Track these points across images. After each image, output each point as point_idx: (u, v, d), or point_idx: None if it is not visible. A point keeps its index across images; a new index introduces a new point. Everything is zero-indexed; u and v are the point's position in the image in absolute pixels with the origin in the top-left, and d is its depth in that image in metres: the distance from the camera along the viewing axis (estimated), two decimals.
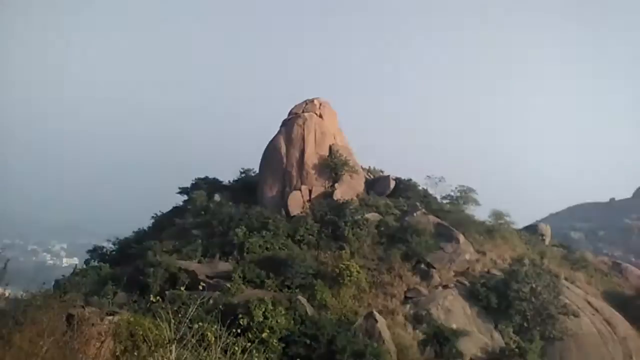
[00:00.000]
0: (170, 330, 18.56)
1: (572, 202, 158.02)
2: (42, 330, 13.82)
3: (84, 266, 51.72)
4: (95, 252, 53.08)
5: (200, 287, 36.33)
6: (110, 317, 33.60)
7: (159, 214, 56.72)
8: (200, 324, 15.42)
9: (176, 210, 54.91)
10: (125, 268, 44.07)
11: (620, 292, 50.93)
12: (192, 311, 15.10)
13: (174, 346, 14.86)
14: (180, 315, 18.18)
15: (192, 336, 17.24)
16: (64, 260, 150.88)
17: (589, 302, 45.70)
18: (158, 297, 20.74)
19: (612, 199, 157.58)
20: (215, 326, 22.38)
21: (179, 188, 57.17)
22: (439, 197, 57.09)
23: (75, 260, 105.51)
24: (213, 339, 15.01)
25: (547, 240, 60.59)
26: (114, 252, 52.21)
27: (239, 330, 30.25)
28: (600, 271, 55.61)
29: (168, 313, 21.21)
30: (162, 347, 16.36)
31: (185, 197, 55.87)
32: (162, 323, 19.40)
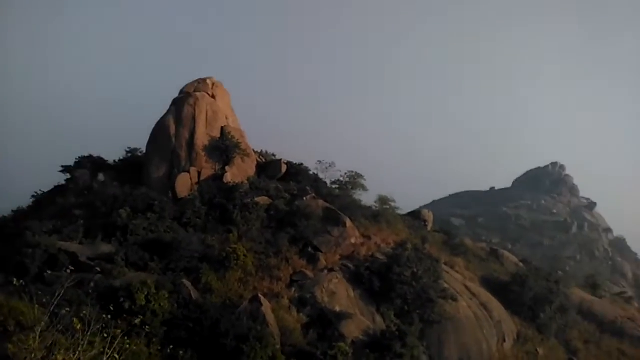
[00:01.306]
0: (44, 314, 17.92)
1: (454, 190, 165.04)
2: None
3: None
4: None
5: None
6: None
7: (39, 192, 54.20)
8: (68, 309, 15.00)
9: (58, 190, 52.61)
10: (2, 248, 41.92)
11: (497, 277, 53.96)
12: (60, 293, 14.62)
13: (40, 328, 14.40)
14: (58, 298, 17.60)
15: (63, 319, 16.71)
16: None
17: (467, 287, 48.14)
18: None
19: (492, 188, 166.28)
20: (91, 309, 21.88)
21: (61, 166, 54.70)
22: (329, 182, 58.08)
23: None
24: (79, 325, 14.61)
25: (429, 226, 63.18)
26: None
27: (121, 314, 29.98)
28: (479, 257, 58.74)
29: (45, 296, 20.47)
30: (30, 330, 15.80)
31: (68, 176, 53.63)
32: (35, 306, 18.70)
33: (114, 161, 56.14)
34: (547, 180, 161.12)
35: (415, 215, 64.09)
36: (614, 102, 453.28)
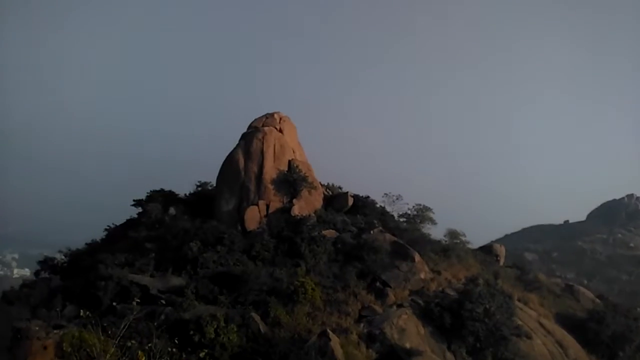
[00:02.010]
0: (113, 345, 18.10)
1: (527, 224, 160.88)
2: None
3: (34, 278, 50.52)
4: (46, 263, 51.81)
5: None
6: (57, 331, 32.80)
7: (112, 226, 55.66)
8: (133, 341, 15.06)
9: (130, 223, 53.98)
10: (77, 280, 43.03)
11: (573, 314, 51.61)
12: (127, 325, 14.67)
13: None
14: (124, 329, 17.74)
15: (130, 351, 16.80)
16: (15, 271, 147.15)
17: (541, 324, 46.20)
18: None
19: (566, 222, 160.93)
20: (158, 341, 22.00)
21: (134, 200, 56.19)
22: (396, 215, 57.34)
23: (26, 272, 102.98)
24: (144, 357, 14.60)
25: (502, 261, 61.32)
26: (65, 264, 50.99)
27: (190, 346, 30.12)
28: (553, 293, 56.38)
29: (116, 327, 20.73)
30: None
31: (140, 210, 54.92)
32: (103, 337, 18.90)
33: (185, 195, 57.28)
34: (623, 213, 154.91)
35: (487, 249, 62.40)
36: None
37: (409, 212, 57.49)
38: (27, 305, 39.43)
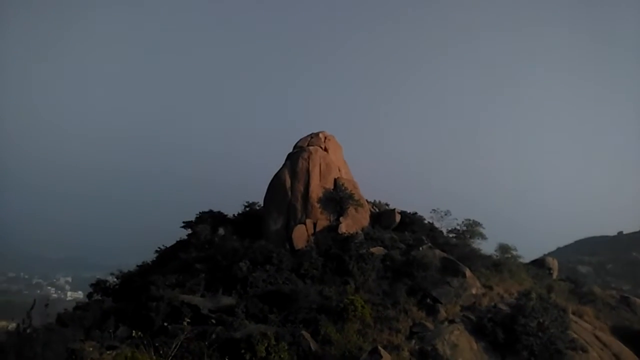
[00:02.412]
0: None
1: (580, 236, 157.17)
2: None
3: (87, 300, 51.47)
4: (99, 285, 52.70)
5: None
6: (110, 352, 33.30)
7: (162, 247, 56.46)
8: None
9: (180, 244, 54.67)
10: (129, 302, 43.70)
11: (629, 326, 50.12)
12: (178, 344, 14.77)
13: None
14: (176, 349, 17.90)
15: None
16: (69, 293, 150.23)
17: (597, 337, 44.92)
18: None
19: (620, 233, 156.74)
20: None
21: (183, 222, 57.00)
22: (445, 231, 56.74)
23: (79, 294, 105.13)
24: None
25: (555, 274, 60.04)
26: (117, 286, 51.83)
27: None
28: (608, 305, 54.86)
29: (168, 348, 20.94)
30: None
31: (190, 231, 55.63)
32: (159, 357, 19.11)
33: (233, 215, 57.86)
34: None
35: (539, 263, 61.13)
36: None
37: (458, 227, 56.84)
38: (81, 326, 40.12)
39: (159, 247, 56.53)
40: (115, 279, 52.84)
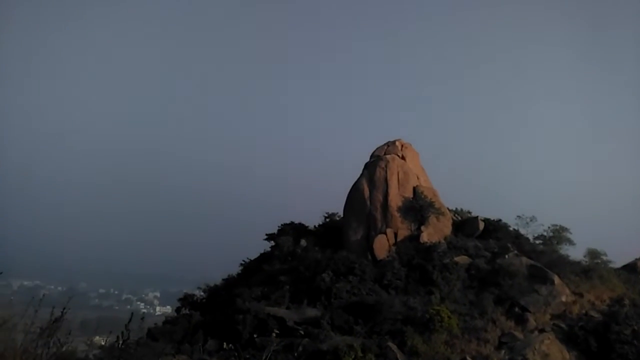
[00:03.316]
0: None
1: None
2: None
3: (176, 314, 52.76)
4: (186, 300, 53.86)
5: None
6: None
7: (247, 260, 57.29)
8: None
9: (263, 257, 55.34)
10: (216, 315, 44.59)
11: None
12: (266, 357, 14.91)
13: None
14: None
15: None
16: (157, 308, 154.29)
17: None
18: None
19: None
20: None
21: (266, 234, 57.72)
22: (531, 238, 55.14)
23: (167, 309, 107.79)
24: None
25: None
26: (204, 300, 52.87)
27: None
28: None
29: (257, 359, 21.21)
30: None
31: (272, 243, 56.29)
32: None
33: (314, 226, 58.11)
34: None
35: (631, 268, 58.34)
36: None
37: (544, 233, 55.12)
38: (171, 340, 41.22)
39: (244, 260, 57.40)
40: (202, 293, 53.89)
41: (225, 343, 23.86)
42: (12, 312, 9.66)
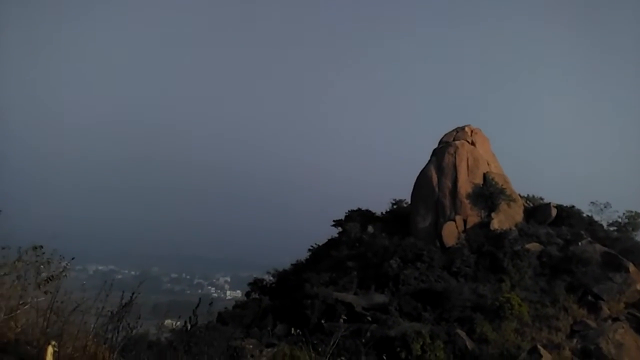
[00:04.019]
0: None
1: None
2: None
3: (245, 298, 53.80)
4: (256, 284, 54.79)
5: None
6: (269, 349, 34.72)
7: (315, 246, 57.82)
8: (342, 359, 15.33)
9: (331, 242, 55.74)
10: (285, 300, 45.30)
11: None
12: (336, 342, 15.06)
13: None
14: (333, 347, 18.35)
15: None
16: (228, 292, 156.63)
17: None
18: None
19: None
20: (367, 358, 22.44)
21: (333, 220, 58.07)
22: (605, 225, 53.61)
23: (238, 293, 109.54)
24: None
25: None
26: (274, 285, 53.68)
27: None
28: None
29: (324, 345, 21.55)
30: None
31: (340, 229, 56.62)
32: (317, 355, 19.71)
33: (381, 213, 58.12)
34: None
35: None
36: None
37: (619, 219, 53.49)
38: (240, 324, 42.09)
39: (312, 246, 57.97)
40: (271, 278, 54.71)
41: (292, 328, 24.18)
42: (85, 295, 10.09)
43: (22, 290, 9.54)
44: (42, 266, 9.63)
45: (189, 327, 13.34)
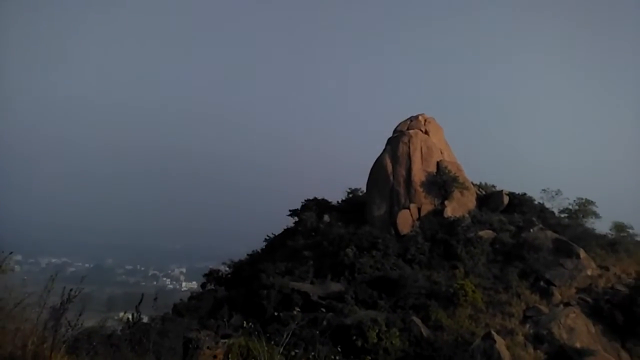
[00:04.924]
0: (278, 353, 18.62)
1: None
2: (160, 355, 14.14)
3: (201, 290, 53.24)
4: (211, 275, 54.23)
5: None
6: (225, 340, 34.34)
7: (271, 236, 57.55)
8: (297, 349, 15.27)
9: (287, 232, 55.59)
10: (241, 290, 44.92)
11: None
12: (291, 332, 14.86)
13: None
14: (288, 337, 18.18)
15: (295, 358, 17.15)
16: (183, 284, 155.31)
17: None
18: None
19: None
20: (322, 347, 22.36)
21: (289, 210, 57.90)
22: (556, 211, 54.61)
23: (193, 284, 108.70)
24: None
25: None
26: (229, 275, 53.24)
27: (352, 352, 30.44)
28: None
29: (281, 335, 21.35)
30: None
31: (296, 219, 56.45)
32: (272, 346, 19.51)
33: (337, 202, 58.13)
34: None
35: None
36: None
37: (570, 207, 54.54)
38: (196, 316, 41.57)
39: (268, 235, 57.68)
40: (227, 269, 54.27)
41: (245, 322, 23.91)
42: (32, 290, 9.66)
43: None
44: None
45: (132, 322, 13.06)
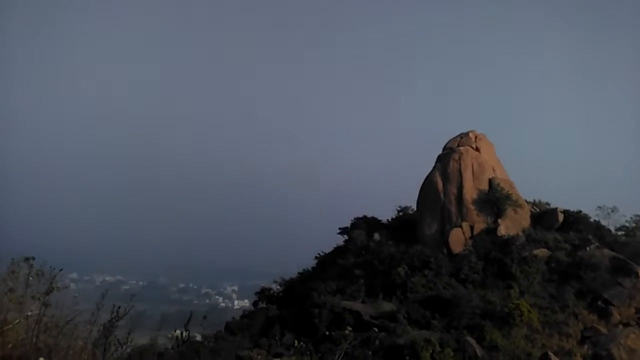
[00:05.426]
0: None
1: None
2: None
3: (253, 308, 53.51)
4: (263, 293, 54.43)
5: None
6: (277, 359, 34.32)
7: (321, 254, 57.53)
8: None
9: (337, 251, 55.46)
10: (292, 309, 44.99)
11: None
12: (342, 352, 14.76)
13: None
14: (340, 356, 18.09)
15: None
16: (236, 302, 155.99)
17: None
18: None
19: None
20: None
21: (339, 228, 57.79)
22: (612, 229, 53.21)
23: (245, 302, 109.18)
24: None
25: None
26: (281, 294, 53.38)
27: None
28: None
29: (332, 355, 21.27)
30: None
31: (346, 237, 56.33)
32: None
33: (387, 220, 57.80)
34: None
35: None
36: None
37: (627, 224, 53.11)
38: (247, 334, 41.79)
39: (318, 254, 57.68)
40: (278, 287, 54.43)
41: (296, 341, 23.91)
42: (85, 308, 9.82)
43: (13, 302, 9.28)
44: (30, 278, 9.39)
45: (181, 343, 13.15)
